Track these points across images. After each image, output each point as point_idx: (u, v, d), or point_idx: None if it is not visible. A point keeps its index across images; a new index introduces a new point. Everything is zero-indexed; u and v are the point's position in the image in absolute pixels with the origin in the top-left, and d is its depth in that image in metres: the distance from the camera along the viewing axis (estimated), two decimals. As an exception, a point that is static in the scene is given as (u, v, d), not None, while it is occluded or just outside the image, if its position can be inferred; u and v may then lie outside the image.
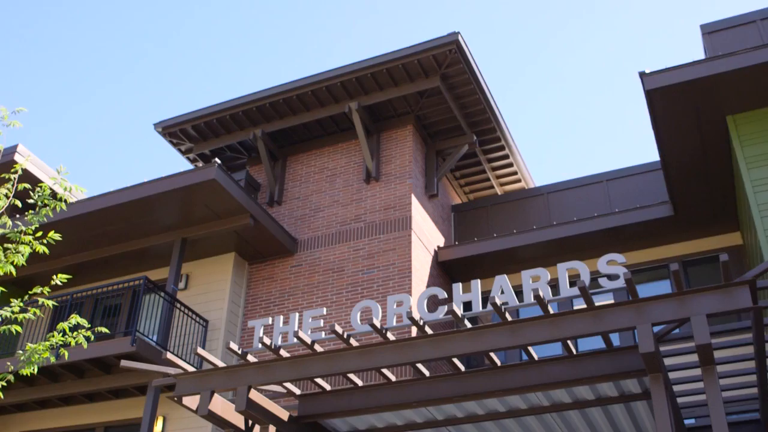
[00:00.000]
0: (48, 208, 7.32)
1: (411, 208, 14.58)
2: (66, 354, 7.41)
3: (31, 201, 7.41)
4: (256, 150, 16.57)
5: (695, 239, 13.53)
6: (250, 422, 8.07)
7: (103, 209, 14.03)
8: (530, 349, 7.33)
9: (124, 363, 8.88)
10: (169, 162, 47.69)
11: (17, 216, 12.75)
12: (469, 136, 15.41)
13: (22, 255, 7.17)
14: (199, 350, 7.89)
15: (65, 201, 7.44)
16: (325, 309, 7.97)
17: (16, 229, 7.36)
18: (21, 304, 7.25)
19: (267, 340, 7.68)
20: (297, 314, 7.96)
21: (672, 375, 7.80)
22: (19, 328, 7.25)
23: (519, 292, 7.44)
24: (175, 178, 14.02)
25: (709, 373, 6.70)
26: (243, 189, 14.49)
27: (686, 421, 8.77)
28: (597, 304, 6.79)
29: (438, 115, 15.35)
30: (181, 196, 14.08)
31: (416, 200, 14.82)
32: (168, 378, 8.16)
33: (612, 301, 6.99)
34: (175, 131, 16.89)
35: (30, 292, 7.50)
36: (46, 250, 7.22)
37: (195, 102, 43.95)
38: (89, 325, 7.22)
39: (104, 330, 7.46)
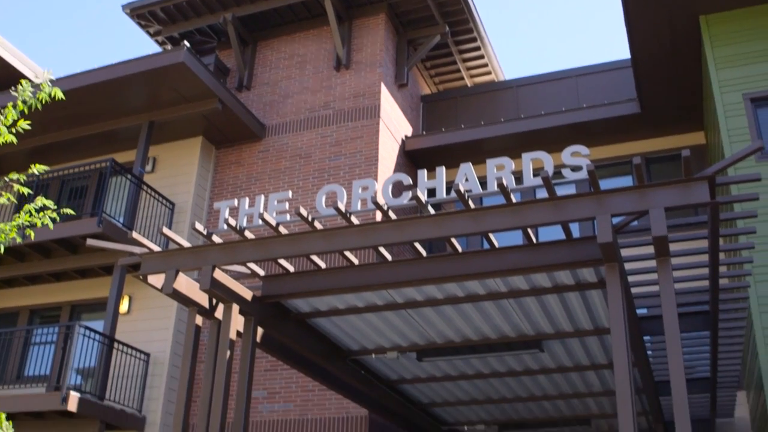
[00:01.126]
0: (35, 100, 7.14)
1: (380, 97, 14.52)
2: (32, 234, 7.40)
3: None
4: (226, 34, 16.28)
5: (660, 137, 13.69)
6: (214, 301, 8.20)
7: (71, 90, 13.78)
8: (491, 236, 7.46)
9: (90, 242, 8.90)
10: (138, 46, 46.57)
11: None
12: (441, 26, 15.23)
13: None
14: (165, 230, 7.93)
15: (48, 96, 7.26)
16: (290, 192, 8.00)
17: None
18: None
19: (232, 222, 7.73)
20: (262, 196, 8.00)
21: (627, 266, 8.01)
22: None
23: (484, 183, 7.53)
24: (144, 60, 13.81)
25: (663, 264, 6.89)
26: (212, 73, 14.31)
27: (639, 311, 9.06)
28: (559, 195, 6.90)
29: (411, 4, 15.12)
30: (149, 79, 13.90)
31: (386, 89, 14.74)
32: (134, 257, 8.22)
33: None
34: (143, 13, 16.50)
35: (6, 178, 7.44)
36: (14, 140, 7.12)
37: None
38: (55, 207, 7.20)
39: (70, 211, 7.44)
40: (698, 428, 13.68)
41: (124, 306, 15.20)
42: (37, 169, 7.21)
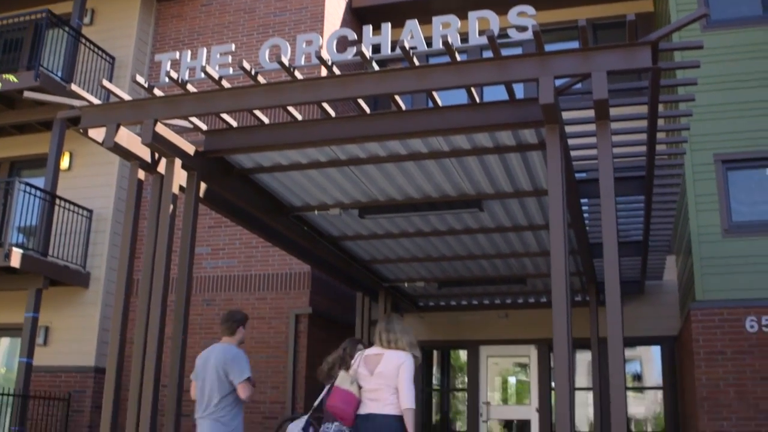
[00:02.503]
0: None
1: (327, -48, 14.11)
2: (-35, 89, 7.20)
3: None
4: None
5: (608, 3, 13.63)
6: (156, 155, 8.14)
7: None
8: (435, 95, 7.47)
9: (27, 93, 8.71)
10: None
11: None
12: None
13: None
14: (105, 82, 7.76)
15: None
16: (233, 45, 7.84)
17: None
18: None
19: (174, 74, 7.59)
20: (205, 49, 7.84)
21: (568, 130, 8.10)
22: None
23: (430, 42, 7.46)
24: None
25: (602, 127, 7.00)
26: None
27: (577, 175, 9.25)
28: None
29: None
30: None
31: (333, -56, 14.30)
32: (73, 110, 8.05)
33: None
34: None
35: None
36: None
37: None
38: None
39: (13, 79, 7.22)
40: (628, 289, 14.29)
41: (64, 162, 15.02)
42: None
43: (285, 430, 9.03)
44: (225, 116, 8.20)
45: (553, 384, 12.90)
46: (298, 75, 7.43)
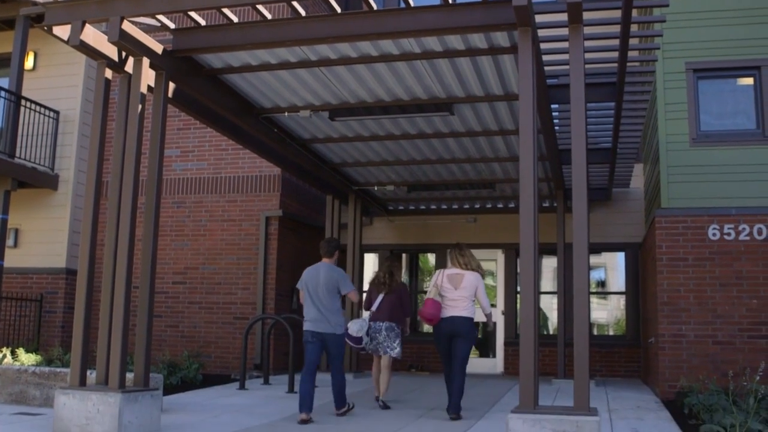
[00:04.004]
0: None
1: None
2: None
3: None
4: None
5: None
6: (124, 54, 8.00)
7: None
8: (407, -4, 7.38)
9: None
10: None
11: None
12: None
13: None
14: (69, -24, 7.56)
15: None
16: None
17: None
18: None
19: (140, -30, 7.40)
20: (172, -55, 7.63)
21: (541, 34, 8.04)
22: None
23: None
24: None
25: (575, 31, 6.99)
26: None
27: (549, 81, 9.23)
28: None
29: None
30: None
31: None
32: (37, 7, 7.85)
33: (492, -47, 6.98)
34: None
35: None
36: None
37: None
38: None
39: None
40: (595, 196, 14.49)
41: (29, 62, 14.72)
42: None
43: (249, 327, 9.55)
44: (194, 15, 8.05)
45: (518, 288, 13.16)
46: (268, -28, 7.28)
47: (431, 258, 16.87)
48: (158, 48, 7.96)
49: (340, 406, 8.81)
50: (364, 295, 10.67)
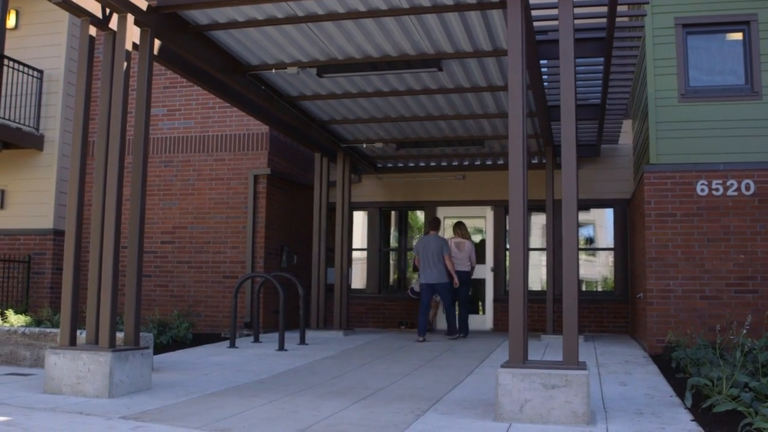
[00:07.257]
0: None
1: None
2: None
3: None
4: None
5: None
6: (108, 11, 7.87)
7: None
8: (395, -51, 7.28)
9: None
10: None
11: None
12: None
13: None
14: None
15: None
16: None
17: None
18: None
19: (122, -76, 7.26)
20: None
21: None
22: None
23: None
24: None
25: (564, -15, 6.90)
26: None
27: (538, 37, 9.16)
28: None
29: None
30: None
31: None
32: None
33: None
34: None
35: None
36: None
37: None
38: None
39: None
40: (584, 152, 14.47)
41: (11, 21, 14.50)
42: None
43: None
44: (178, -30, 7.92)
45: (507, 245, 13.19)
46: (253, -74, 7.15)
47: (420, 215, 16.88)
48: (143, 4, 7.83)
49: (451, 333, 13.13)
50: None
